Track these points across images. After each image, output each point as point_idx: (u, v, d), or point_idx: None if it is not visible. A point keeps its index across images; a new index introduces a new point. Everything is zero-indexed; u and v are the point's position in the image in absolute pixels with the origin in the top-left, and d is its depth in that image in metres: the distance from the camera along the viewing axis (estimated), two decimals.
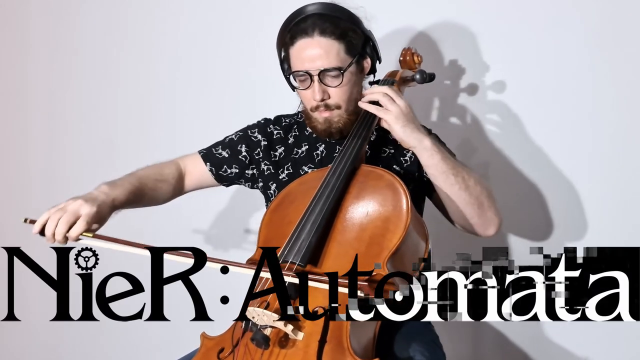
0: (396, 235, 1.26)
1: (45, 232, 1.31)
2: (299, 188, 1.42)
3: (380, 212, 1.31)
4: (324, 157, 1.56)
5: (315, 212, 1.32)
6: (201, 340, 1.33)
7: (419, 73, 1.52)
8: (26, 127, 2.47)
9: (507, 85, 1.84)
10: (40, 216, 1.34)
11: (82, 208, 1.33)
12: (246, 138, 1.61)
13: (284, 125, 1.62)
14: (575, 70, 1.79)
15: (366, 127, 1.45)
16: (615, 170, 1.77)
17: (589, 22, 1.78)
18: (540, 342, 1.86)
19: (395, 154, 1.55)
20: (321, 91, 1.45)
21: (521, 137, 1.84)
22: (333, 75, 1.44)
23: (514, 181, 1.86)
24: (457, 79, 1.89)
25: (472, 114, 1.89)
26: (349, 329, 1.20)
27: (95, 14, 2.35)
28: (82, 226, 1.31)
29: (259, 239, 1.40)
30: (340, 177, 1.35)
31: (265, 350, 1.21)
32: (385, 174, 1.35)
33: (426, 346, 1.38)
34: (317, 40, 1.44)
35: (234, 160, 1.60)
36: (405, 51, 1.60)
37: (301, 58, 1.45)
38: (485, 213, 1.42)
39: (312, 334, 1.20)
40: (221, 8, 2.16)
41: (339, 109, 1.48)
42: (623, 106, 1.76)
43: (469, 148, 1.88)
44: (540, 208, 1.84)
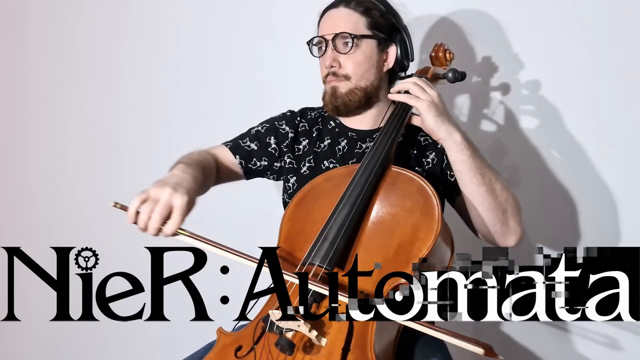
0: (426, 243, 1.22)
1: (138, 224, 1.21)
2: (324, 185, 1.37)
3: (409, 218, 1.26)
4: (345, 152, 1.52)
5: (344, 214, 1.27)
6: (218, 335, 1.30)
7: (451, 72, 1.49)
8: (26, 127, 2.47)
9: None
10: (130, 203, 1.23)
11: (175, 199, 1.20)
12: (274, 130, 1.56)
13: (309, 119, 1.58)
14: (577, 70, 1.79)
15: (397, 125, 1.41)
16: (615, 170, 1.77)
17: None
18: (540, 342, 1.86)
19: (417, 155, 1.50)
20: (331, 57, 1.44)
21: (524, 139, 1.84)
22: (345, 41, 1.44)
23: (515, 182, 1.86)
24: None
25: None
26: (374, 337, 1.18)
27: (96, 13, 2.35)
28: (178, 221, 1.20)
29: (281, 234, 1.35)
30: (369, 178, 1.31)
31: (290, 355, 1.18)
32: (415, 178, 1.30)
33: (443, 352, 1.37)
34: (339, 10, 1.46)
35: (263, 152, 1.55)
36: (438, 47, 1.57)
37: (322, 27, 1.48)
38: (508, 222, 1.36)
39: (335, 341, 1.18)
40: (222, 7, 2.16)
41: (348, 80, 1.45)
42: (624, 106, 1.75)
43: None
44: (541, 208, 1.84)
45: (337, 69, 1.45)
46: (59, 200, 2.41)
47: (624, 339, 1.76)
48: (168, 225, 1.20)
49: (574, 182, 1.81)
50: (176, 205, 1.20)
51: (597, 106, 1.77)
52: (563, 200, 1.81)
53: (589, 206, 1.80)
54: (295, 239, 1.31)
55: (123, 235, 1.94)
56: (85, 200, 2.34)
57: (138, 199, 1.22)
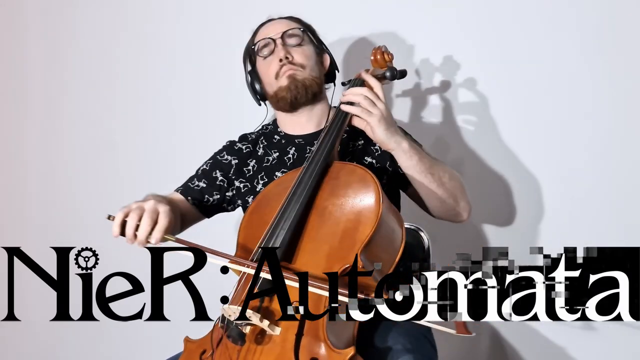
0: (368, 226, 1.25)
1: (126, 231, 1.24)
2: (275, 189, 1.42)
3: (352, 205, 1.30)
4: (295, 159, 1.57)
5: (288, 209, 1.32)
6: (184, 344, 1.33)
7: (389, 70, 1.52)
8: (25, 127, 2.47)
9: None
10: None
11: (160, 206, 1.26)
12: (217, 163, 1.63)
13: (251, 140, 1.65)
14: (572, 70, 1.79)
15: (339, 124, 1.45)
16: (615, 169, 1.77)
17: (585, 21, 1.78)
18: (540, 342, 1.86)
19: (365, 145, 1.56)
20: (284, 50, 1.54)
21: (515, 137, 1.86)
22: (295, 35, 1.56)
23: (516, 181, 1.86)
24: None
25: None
26: (325, 321, 1.19)
27: (93, 13, 2.35)
28: (165, 223, 1.24)
29: (238, 241, 1.39)
30: (312, 174, 1.36)
31: (242, 346, 1.21)
32: (357, 168, 1.35)
33: (411, 339, 1.35)
34: (277, 20, 1.61)
35: (212, 187, 1.61)
36: (376, 50, 1.60)
37: (263, 34, 1.59)
38: (459, 203, 1.48)
39: (289, 328, 1.20)
40: (222, 7, 2.16)
41: (303, 69, 1.54)
42: (621, 106, 1.76)
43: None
44: (541, 208, 1.84)
45: (292, 59, 1.54)
46: (59, 200, 2.41)
47: (624, 339, 1.76)
48: (155, 231, 1.23)
49: (574, 181, 1.81)
50: (162, 210, 1.24)
51: (596, 106, 1.78)
52: (563, 199, 1.82)
53: (589, 206, 1.80)
54: (250, 242, 1.35)
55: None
56: (85, 200, 2.34)
57: (122, 212, 1.25)
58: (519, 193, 1.86)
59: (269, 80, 1.57)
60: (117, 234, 1.25)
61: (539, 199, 1.84)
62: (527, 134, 1.84)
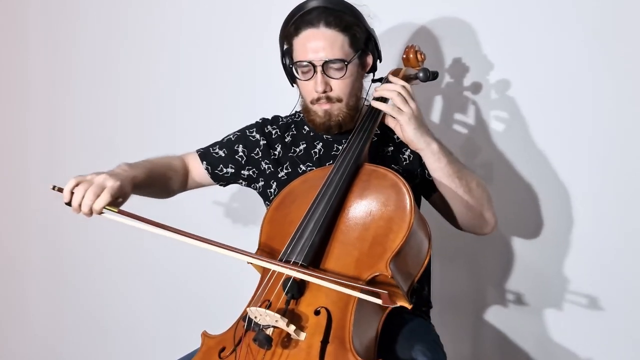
0: (399, 235, 1.25)
1: (72, 202, 1.30)
2: (301, 186, 1.41)
3: (383, 211, 1.30)
4: (321, 155, 1.56)
5: (318, 211, 1.31)
6: (202, 339, 1.32)
7: (422, 71, 1.50)
8: (25, 126, 2.48)
9: (511, 84, 1.82)
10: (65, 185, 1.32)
11: (107, 181, 1.31)
12: (244, 138, 1.61)
13: (281, 125, 1.63)
14: (574, 70, 1.78)
15: (371, 124, 1.45)
16: (615, 169, 1.77)
17: (590, 21, 1.77)
18: (540, 342, 1.86)
19: (394, 153, 1.55)
20: (323, 82, 1.45)
21: (525, 137, 1.83)
22: (336, 67, 1.45)
23: (516, 181, 1.86)
24: (460, 77, 1.87)
25: (477, 113, 1.87)
26: (352, 329, 1.19)
27: (95, 12, 2.35)
28: (107, 198, 1.29)
29: (261, 237, 1.39)
30: (343, 176, 1.35)
31: (268, 350, 1.20)
32: (388, 173, 1.34)
33: (428, 346, 1.37)
34: (322, 32, 1.44)
35: (230, 160, 1.60)
36: (409, 49, 1.59)
37: (305, 49, 1.46)
38: (484, 215, 1.46)
39: (314, 334, 1.20)
40: (222, 7, 2.16)
41: (340, 102, 1.48)
42: (624, 107, 1.75)
43: (473, 148, 1.87)
44: (541, 208, 1.83)
45: (330, 93, 1.47)
46: (57, 200, 2.41)
47: (625, 339, 1.76)
48: (97, 202, 1.28)
49: (573, 181, 1.81)
50: (107, 185, 1.30)
51: (596, 106, 1.77)
52: (562, 199, 1.82)
53: (588, 206, 1.80)
54: (274, 240, 1.35)
55: (123, 236, 1.96)
56: None
57: (74, 180, 1.31)
58: (521, 194, 1.85)
59: (305, 96, 1.52)
60: (66, 201, 1.31)
61: (540, 199, 1.83)
62: (529, 135, 1.84)
